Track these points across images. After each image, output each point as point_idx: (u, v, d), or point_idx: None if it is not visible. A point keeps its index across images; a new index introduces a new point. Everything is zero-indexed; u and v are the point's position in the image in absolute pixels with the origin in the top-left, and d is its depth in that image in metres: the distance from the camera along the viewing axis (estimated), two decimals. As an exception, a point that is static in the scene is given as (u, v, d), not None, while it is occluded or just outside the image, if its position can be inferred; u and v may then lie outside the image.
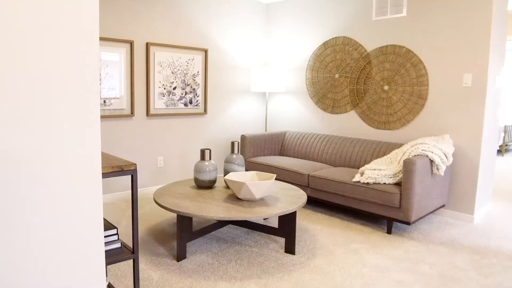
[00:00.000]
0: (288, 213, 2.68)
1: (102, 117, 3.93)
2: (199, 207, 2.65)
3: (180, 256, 2.73)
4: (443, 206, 3.73)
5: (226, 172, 3.30)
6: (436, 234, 3.34)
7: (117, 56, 3.97)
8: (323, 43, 4.72)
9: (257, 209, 2.66)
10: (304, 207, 4.05)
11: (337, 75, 4.60)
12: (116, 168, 1.54)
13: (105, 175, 1.51)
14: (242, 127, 5.30)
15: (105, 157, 1.70)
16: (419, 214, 3.28)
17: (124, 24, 4.01)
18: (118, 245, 1.69)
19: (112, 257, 1.62)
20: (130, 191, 4.29)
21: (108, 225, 1.75)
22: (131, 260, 2.66)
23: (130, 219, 3.54)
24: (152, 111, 4.32)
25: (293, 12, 5.05)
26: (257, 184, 2.73)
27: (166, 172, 4.56)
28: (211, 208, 2.64)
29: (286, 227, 2.90)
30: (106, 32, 3.89)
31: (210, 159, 3.17)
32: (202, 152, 3.14)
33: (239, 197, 2.84)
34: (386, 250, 2.98)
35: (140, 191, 4.36)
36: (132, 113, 4.15)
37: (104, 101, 3.93)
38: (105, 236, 1.67)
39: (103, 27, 3.87)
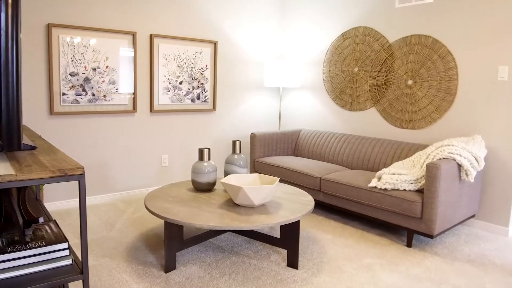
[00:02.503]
0: (289, 222, 2.36)
1: (102, 113, 3.72)
2: (190, 213, 2.37)
3: (169, 266, 2.46)
4: (473, 216, 3.30)
5: (226, 174, 3.02)
6: (464, 249, 2.93)
7: (118, 49, 3.75)
8: (342, 34, 4.34)
9: (254, 217, 2.35)
10: (316, 213, 3.70)
11: (356, 69, 4.21)
12: (58, 173, 1.27)
13: (43, 180, 1.25)
14: (254, 125, 4.98)
15: (52, 158, 1.43)
16: (443, 226, 2.88)
17: (125, 14, 3.78)
18: (68, 261, 1.43)
19: (57, 276, 1.36)
20: (131, 191, 4.06)
21: (58, 238, 1.49)
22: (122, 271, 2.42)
23: (126, 221, 3.31)
24: (156, 107, 4.07)
25: (310, 0, 4.69)
26: (255, 188, 2.43)
27: (171, 171, 4.31)
28: (202, 215, 2.36)
29: (289, 238, 2.57)
30: (106, 23, 3.67)
31: (209, 159, 2.88)
32: (201, 151, 2.86)
33: (236, 202, 2.54)
34: (404, 267, 2.60)
35: (143, 191, 4.13)
36: (134, 109, 3.92)
37: (104, 96, 3.72)
38: (51, 252, 1.41)
39: (102, 18, 3.65)
